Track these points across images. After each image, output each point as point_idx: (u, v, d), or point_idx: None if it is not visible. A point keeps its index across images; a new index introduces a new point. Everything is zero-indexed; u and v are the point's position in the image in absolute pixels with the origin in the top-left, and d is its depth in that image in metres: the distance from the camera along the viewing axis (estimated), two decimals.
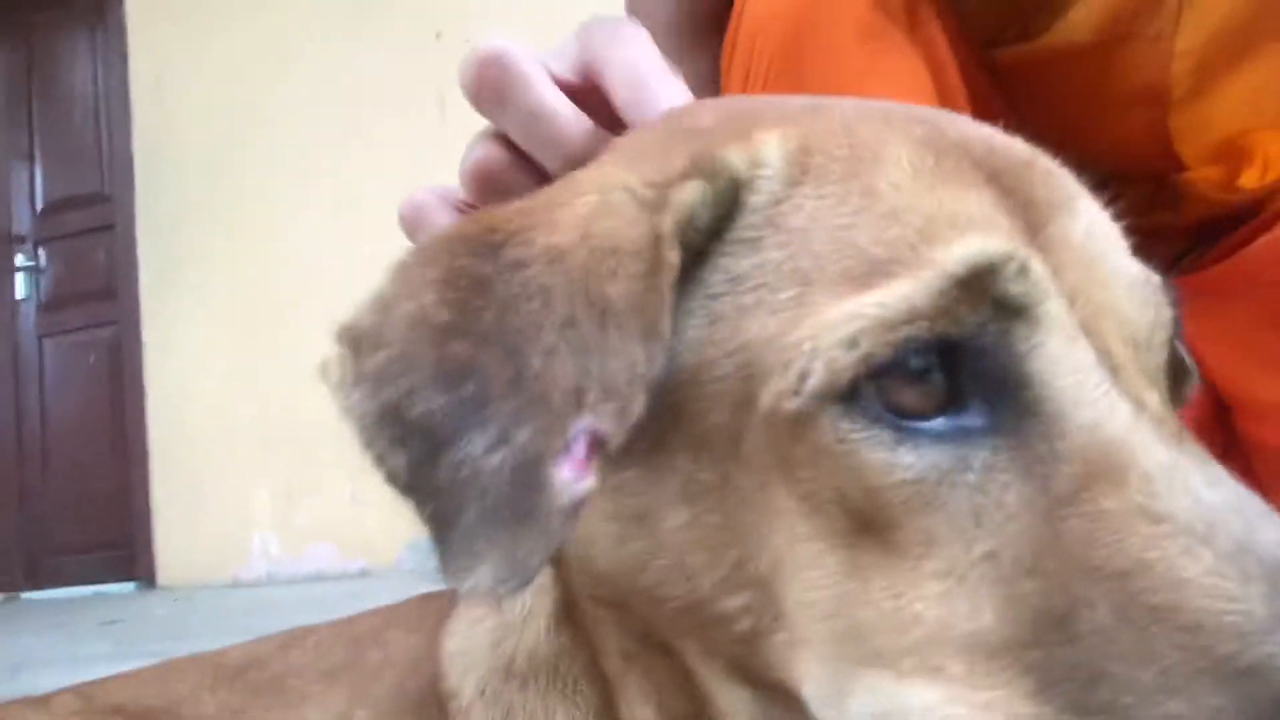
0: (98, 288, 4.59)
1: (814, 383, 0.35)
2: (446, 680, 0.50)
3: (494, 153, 0.49)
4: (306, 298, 3.71)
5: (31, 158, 4.78)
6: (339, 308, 0.40)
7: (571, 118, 0.47)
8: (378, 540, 3.65)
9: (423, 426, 0.35)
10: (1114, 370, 0.37)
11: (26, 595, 4.52)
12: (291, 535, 4.09)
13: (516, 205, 0.40)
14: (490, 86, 0.48)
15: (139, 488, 4.37)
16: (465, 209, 0.50)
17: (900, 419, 0.35)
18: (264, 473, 4.16)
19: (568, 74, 0.49)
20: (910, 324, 0.35)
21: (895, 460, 0.35)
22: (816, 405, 0.35)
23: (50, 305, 4.73)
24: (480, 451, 0.34)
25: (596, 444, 0.34)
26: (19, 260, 4.74)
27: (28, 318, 4.76)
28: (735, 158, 0.39)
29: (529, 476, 0.34)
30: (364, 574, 3.81)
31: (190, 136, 4.37)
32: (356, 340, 0.37)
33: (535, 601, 0.48)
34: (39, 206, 4.74)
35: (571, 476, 0.33)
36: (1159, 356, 0.41)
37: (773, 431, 0.37)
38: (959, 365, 0.36)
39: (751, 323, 0.38)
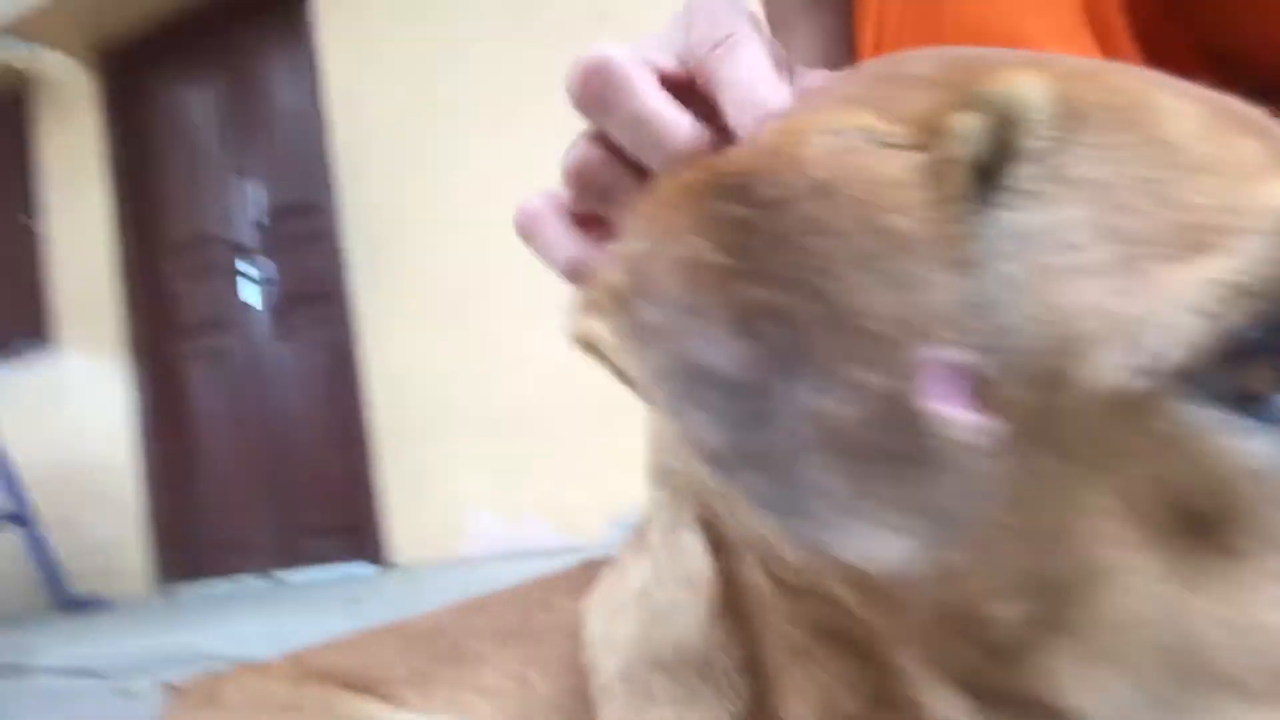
0: (318, 292, 4.88)
1: (1167, 359, 0.31)
2: (588, 656, 0.50)
3: (592, 153, 0.49)
4: (508, 286, 3.84)
5: (249, 174, 5.14)
6: (539, 294, 0.42)
7: (677, 120, 0.46)
8: (588, 517, 3.76)
9: (730, 380, 0.30)
10: None
11: (279, 577, 4.89)
12: (509, 513, 4.27)
13: (724, 154, 0.37)
14: (594, 96, 0.47)
15: (368, 475, 4.64)
16: (575, 211, 0.51)
17: (1249, 401, 0.31)
18: (480, 455, 4.34)
19: (673, 66, 0.48)
20: (1271, 291, 0.31)
21: (1248, 448, 0.31)
22: (1165, 385, 0.31)
23: (280, 311, 5.08)
24: (812, 400, 0.29)
25: (968, 379, 0.30)
26: (250, 271, 5.11)
27: (263, 324, 5.13)
28: (1003, 95, 0.35)
29: (894, 415, 0.29)
30: (576, 550, 3.93)
31: (383, 142, 4.58)
32: (620, 297, 0.33)
33: (686, 595, 0.45)
34: (260, 220, 5.09)
35: (953, 412, 0.29)
36: None
37: (1096, 415, 0.32)
38: None
39: (1063, 287, 0.33)
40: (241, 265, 5.12)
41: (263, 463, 5.09)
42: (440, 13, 4.41)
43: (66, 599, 4.45)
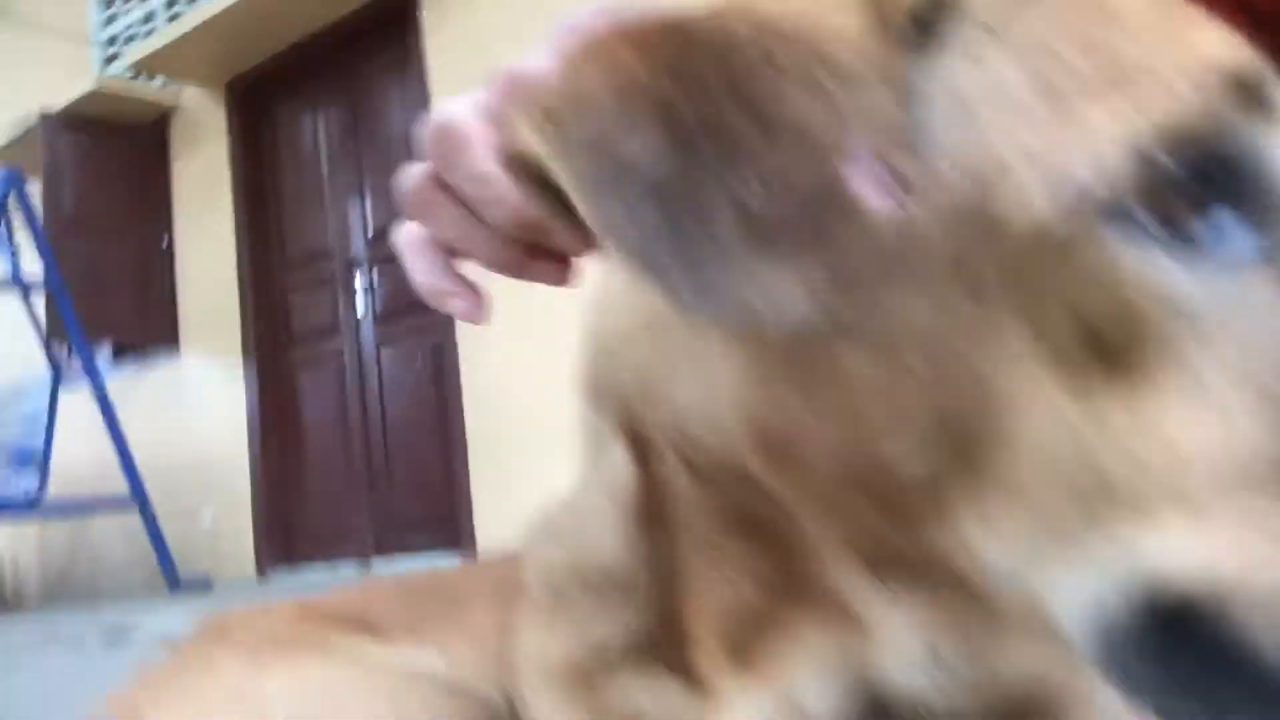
0: (420, 302, 5.10)
1: (1090, 195, 0.31)
2: (527, 577, 0.52)
3: (432, 195, 0.49)
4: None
5: (362, 193, 5.45)
6: None
7: (509, 185, 0.41)
8: None
9: (655, 179, 0.30)
10: None
11: (376, 565, 5.14)
12: None
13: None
14: (439, 157, 0.47)
15: (460, 473, 4.85)
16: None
17: (1171, 235, 0.31)
18: (564, 456, 4.48)
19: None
20: (1192, 131, 0.31)
21: (1167, 278, 0.31)
22: (1087, 220, 0.31)
23: (383, 319, 5.36)
24: (733, 193, 0.30)
25: (895, 177, 0.31)
26: (359, 282, 5.43)
27: (368, 330, 5.43)
28: None
29: (822, 200, 0.30)
30: None
31: None
32: (556, 114, 0.33)
33: (608, 504, 0.45)
34: (369, 235, 5.39)
35: (875, 197, 0.30)
36: None
37: (1016, 251, 0.32)
38: (1229, 178, 0.32)
39: (992, 131, 0.33)
40: (351, 277, 5.42)
41: (363, 459, 5.36)
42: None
43: (175, 579, 4.72)
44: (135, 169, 6.02)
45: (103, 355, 6.51)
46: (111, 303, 5.66)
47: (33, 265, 4.80)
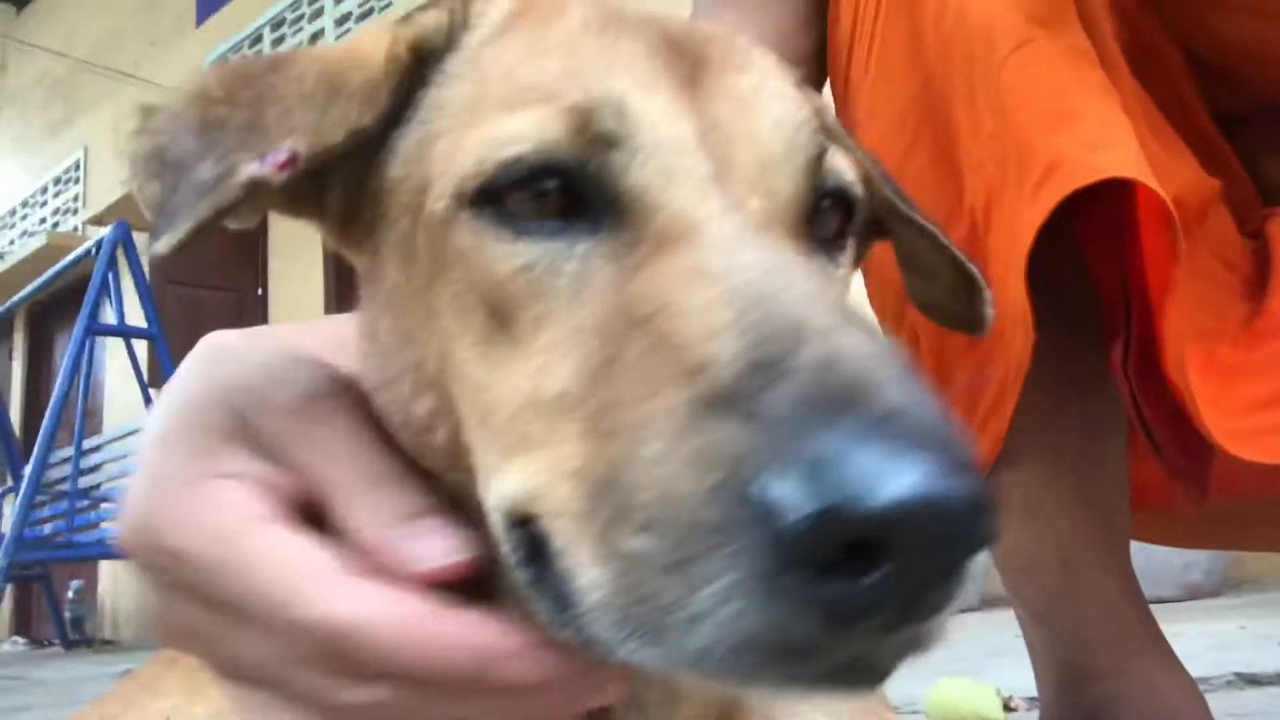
0: None
1: (453, 191, 0.41)
2: None
3: None
4: None
5: None
6: None
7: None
8: None
9: (175, 162, 0.42)
10: (724, 180, 0.40)
11: None
12: None
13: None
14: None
15: None
16: None
17: (522, 222, 0.40)
18: None
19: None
20: (522, 148, 0.40)
21: (512, 250, 0.40)
22: (454, 209, 0.41)
23: None
24: (208, 171, 0.41)
25: (293, 159, 0.41)
26: None
27: None
28: (473, 6, 0.47)
29: (229, 171, 0.41)
30: None
31: None
32: (149, 111, 0.45)
33: None
34: None
35: (258, 167, 0.41)
36: (791, 178, 0.43)
37: (429, 233, 0.42)
38: (576, 184, 0.40)
39: (435, 143, 0.43)
40: None
41: None
42: None
43: None
44: None
45: None
46: None
47: (137, 315, 5.04)
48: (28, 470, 4.72)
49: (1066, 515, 0.84)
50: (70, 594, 7.09)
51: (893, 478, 0.28)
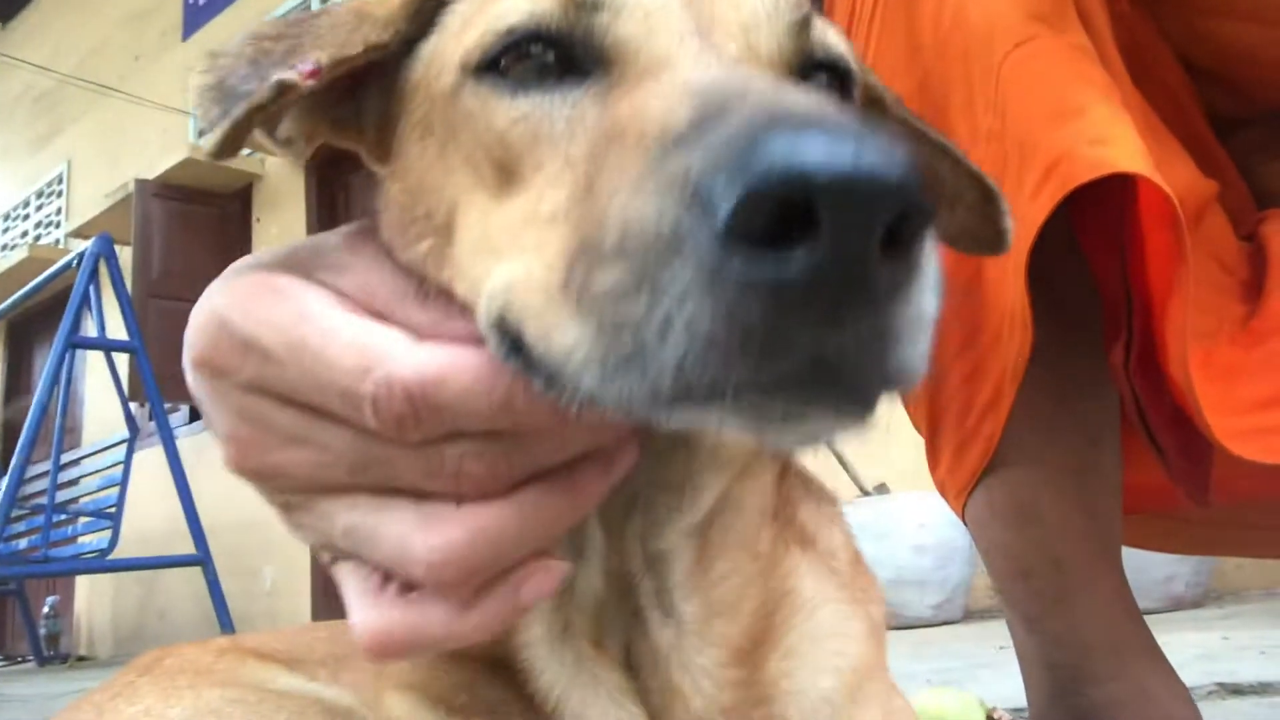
0: None
1: (459, 64, 0.47)
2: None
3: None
4: None
5: None
6: None
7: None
8: None
9: (230, 89, 0.48)
10: (706, 35, 0.43)
11: None
12: None
13: None
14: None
15: None
16: None
17: (519, 83, 0.45)
18: None
19: None
20: (514, 19, 0.45)
21: (512, 105, 0.44)
22: (461, 80, 0.47)
23: None
24: (251, 85, 0.47)
25: (316, 70, 0.47)
26: None
27: None
28: None
29: (264, 74, 0.47)
30: None
31: None
32: (214, 53, 0.51)
33: None
34: None
35: (288, 74, 0.47)
36: (773, 38, 0.46)
37: (442, 106, 0.48)
38: (566, 49, 0.44)
39: (448, 42, 0.49)
40: None
41: None
42: None
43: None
44: (219, 234, 6.32)
45: (180, 415, 6.74)
46: None
47: (119, 328, 4.99)
48: (3, 484, 4.66)
49: (1060, 519, 0.83)
50: (45, 609, 7.00)
51: (812, 147, 0.30)
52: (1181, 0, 0.85)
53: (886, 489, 3.67)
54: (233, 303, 0.43)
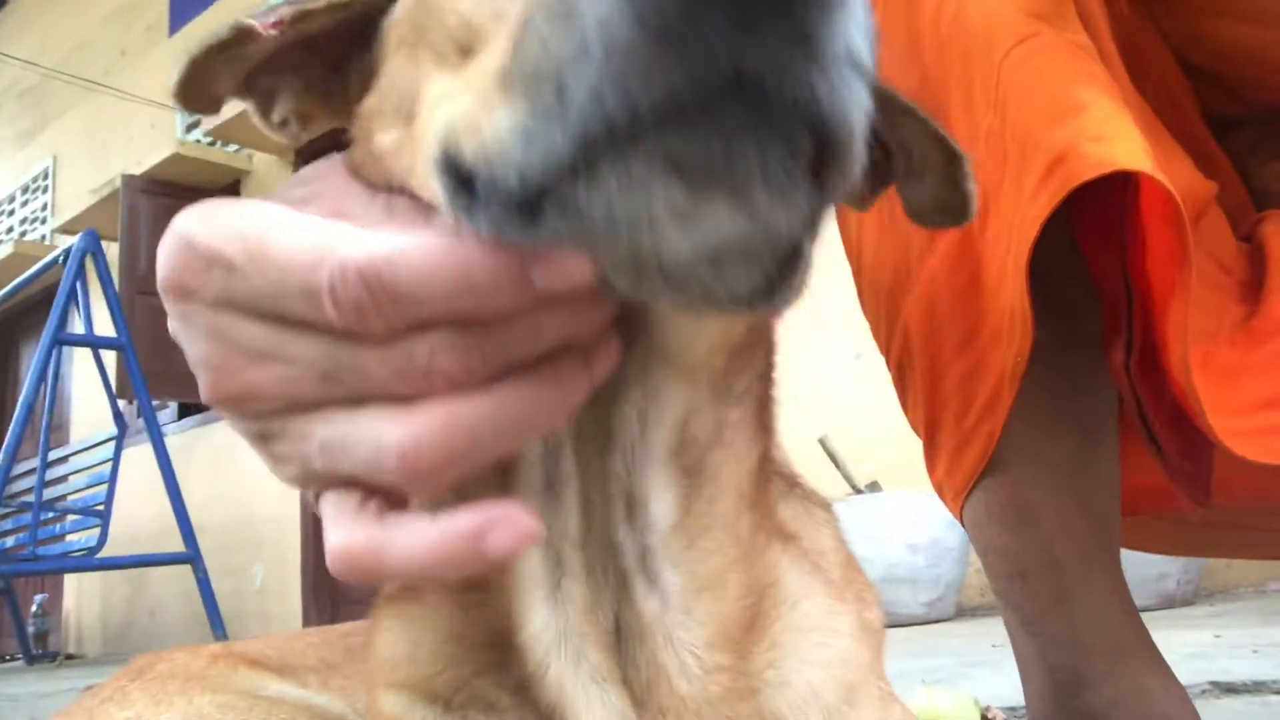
0: None
1: None
2: None
3: None
4: None
5: None
6: None
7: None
8: None
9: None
10: None
11: None
12: None
13: None
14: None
15: None
16: None
17: None
18: None
19: None
20: None
21: None
22: None
23: None
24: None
25: (280, 22, 0.51)
26: None
27: None
28: None
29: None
30: None
31: None
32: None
33: None
34: None
35: (250, 21, 0.51)
36: None
37: (412, 12, 0.49)
38: None
39: None
40: None
41: None
42: None
43: (225, 638, 4.84)
44: None
45: (168, 413, 6.72)
46: (179, 361, 5.83)
47: (106, 325, 4.97)
48: None
49: (1059, 520, 0.83)
50: (34, 608, 6.97)
51: None
52: (1179, 0, 0.84)
53: (878, 487, 3.68)
54: (196, 220, 0.42)
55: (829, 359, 4.03)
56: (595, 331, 0.42)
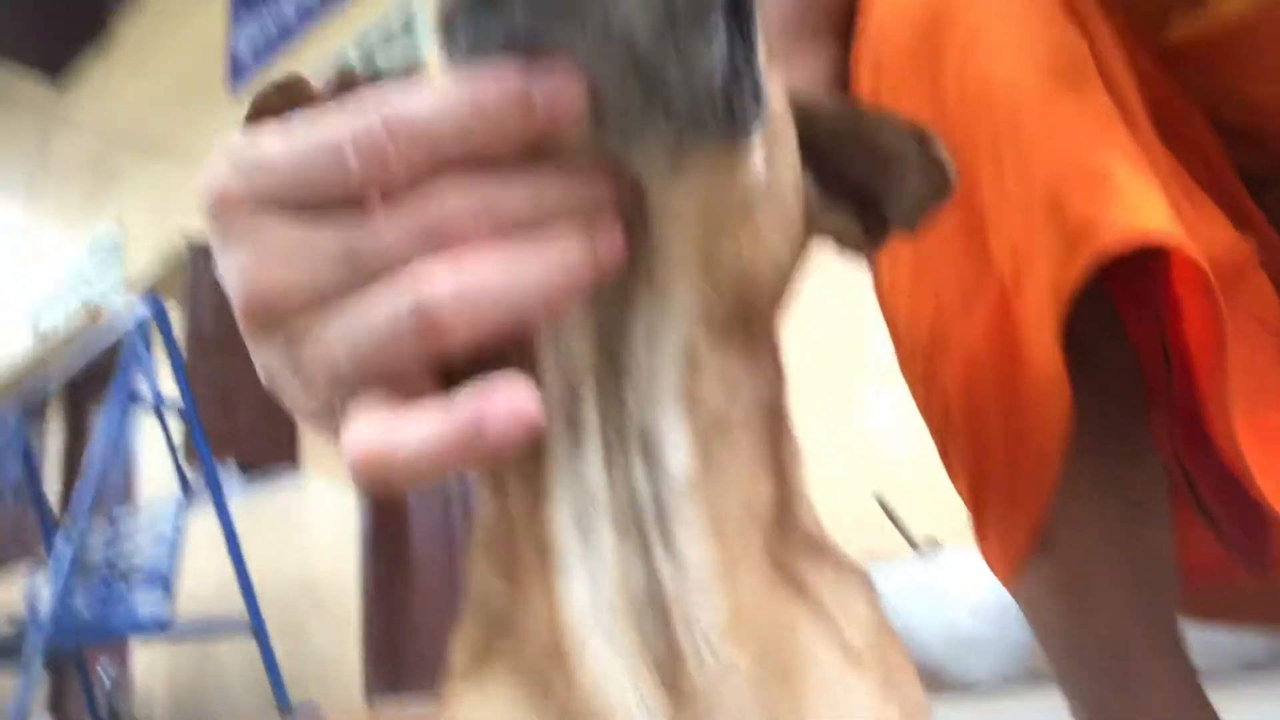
0: None
1: None
2: None
3: None
4: None
5: None
6: None
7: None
8: None
9: None
10: None
11: None
12: None
13: None
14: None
15: None
16: None
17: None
18: None
19: None
20: None
21: None
22: None
23: None
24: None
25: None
26: None
27: None
28: None
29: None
30: None
31: None
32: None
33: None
34: None
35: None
36: None
37: None
38: None
39: None
40: None
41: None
42: None
43: (287, 705, 4.81)
44: None
45: (229, 474, 6.81)
46: (240, 422, 5.97)
47: (170, 389, 5.08)
48: (63, 550, 4.71)
49: (1113, 597, 0.80)
50: (102, 672, 7.05)
51: None
52: (1207, 59, 0.83)
53: (938, 543, 3.60)
54: (236, 140, 0.44)
55: (882, 411, 3.98)
56: (595, 205, 0.43)
